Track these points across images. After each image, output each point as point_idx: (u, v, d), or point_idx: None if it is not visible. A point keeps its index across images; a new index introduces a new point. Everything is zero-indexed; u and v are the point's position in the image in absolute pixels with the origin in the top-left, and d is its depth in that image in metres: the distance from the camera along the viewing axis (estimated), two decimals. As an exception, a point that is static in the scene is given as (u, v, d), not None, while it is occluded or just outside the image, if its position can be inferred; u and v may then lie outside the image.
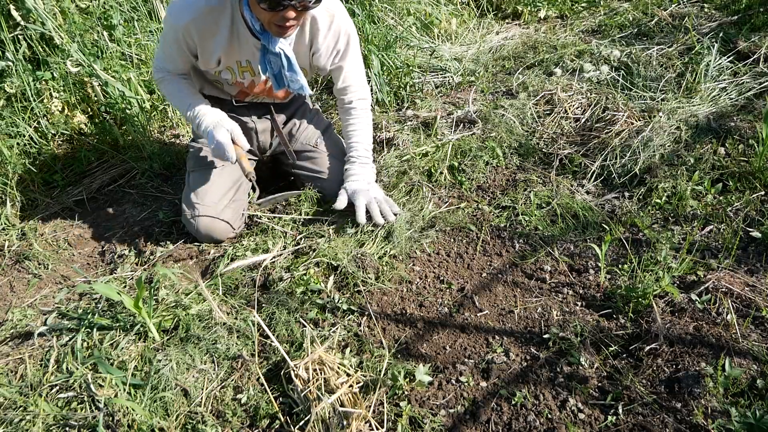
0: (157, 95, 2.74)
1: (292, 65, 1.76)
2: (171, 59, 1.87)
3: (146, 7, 2.84)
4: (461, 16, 3.58)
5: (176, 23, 1.71)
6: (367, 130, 2.04)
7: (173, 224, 2.15)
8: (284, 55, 1.72)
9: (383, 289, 1.72)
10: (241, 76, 1.88)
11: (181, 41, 1.76)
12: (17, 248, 2.08)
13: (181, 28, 1.72)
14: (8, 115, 2.37)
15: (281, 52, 1.71)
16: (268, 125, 2.12)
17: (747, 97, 2.38)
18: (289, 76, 1.78)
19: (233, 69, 1.86)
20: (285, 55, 1.73)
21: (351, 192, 1.93)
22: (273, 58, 1.73)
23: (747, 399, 1.28)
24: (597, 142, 2.27)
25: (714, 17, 3.06)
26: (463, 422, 1.33)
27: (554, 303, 1.64)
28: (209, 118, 1.85)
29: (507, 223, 1.97)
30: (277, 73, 1.77)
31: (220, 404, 1.41)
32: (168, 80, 1.92)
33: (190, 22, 1.70)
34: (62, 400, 1.42)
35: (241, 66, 1.85)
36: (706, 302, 1.54)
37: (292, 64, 1.76)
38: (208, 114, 1.86)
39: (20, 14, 2.38)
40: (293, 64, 1.76)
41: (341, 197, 1.92)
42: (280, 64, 1.74)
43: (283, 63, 1.74)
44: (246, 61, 1.84)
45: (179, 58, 1.85)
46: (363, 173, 1.98)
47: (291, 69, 1.76)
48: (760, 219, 1.82)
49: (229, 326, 1.58)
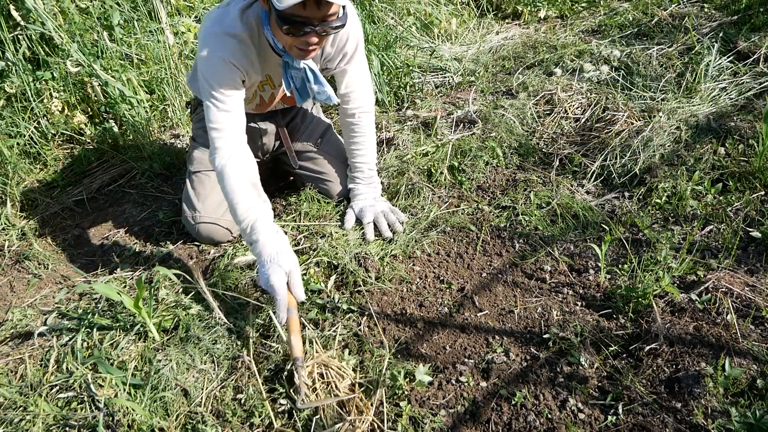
0: (157, 95, 2.74)
1: (318, 78, 1.72)
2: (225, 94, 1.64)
3: (146, 7, 2.84)
4: (461, 16, 3.58)
5: (222, 55, 1.61)
6: (371, 146, 2.04)
7: (173, 224, 2.15)
8: (309, 69, 1.69)
9: (383, 289, 1.72)
10: (261, 89, 1.86)
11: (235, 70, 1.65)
12: (17, 248, 2.08)
13: (228, 59, 1.62)
14: (8, 115, 2.37)
15: (305, 67, 1.68)
16: (273, 128, 2.12)
17: (747, 97, 2.38)
18: (316, 88, 1.74)
19: (255, 90, 1.84)
20: (310, 69, 1.70)
21: (358, 210, 1.98)
22: (294, 72, 1.70)
23: (747, 399, 1.28)
24: (597, 142, 2.27)
25: (714, 17, 3.06)
26: (463, 422, 1.33)
27: (554, 303, 1.64)
28: (269, 248, 1.56)
29: (507, 223, 1.97)
30: (300, 86, 1.75)
31: (220, 404, 1.41)
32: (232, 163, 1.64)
33: (237, 50, 1.63)
34: (62, 400, 1.42)
35: (261, 83, 1.83)
36: (706, 302, 1.54)
37: (318, 77, 1.72)
38: (269, 244, 1.56)
39: (20, 14, 2.38)
40: (318, 76, 1.72)
41: (349, 217, 1.96)
42: (303, 77, 1.72)
43: (307, 77, 1.71)
44: (266, 76, 1.81)
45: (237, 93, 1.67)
46: (368, 192, 2.02)
47: (317, 82, 1.73)
48: (760, 219, 1.82)
49: (229, 326, 1.58)
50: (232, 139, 1.66)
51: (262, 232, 1.57)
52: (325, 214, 2.03)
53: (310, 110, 2.24)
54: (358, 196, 2.02)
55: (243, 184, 1.63)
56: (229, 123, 1.66)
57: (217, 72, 1.63)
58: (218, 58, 1.62)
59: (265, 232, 1.57)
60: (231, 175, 1.62)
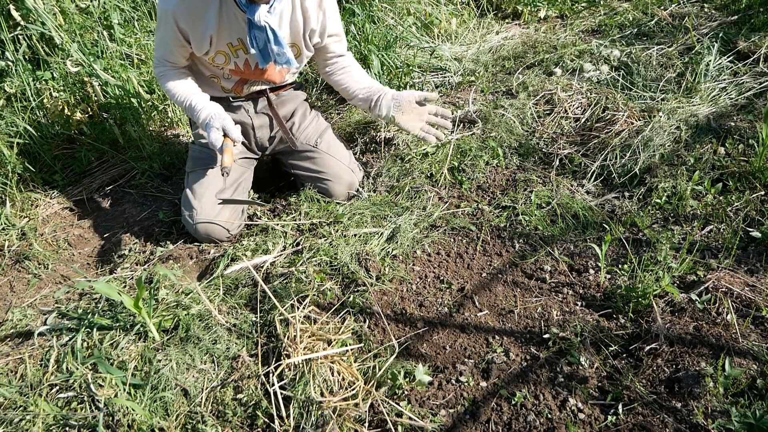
0: (157, 95, 2.74)
1: (278, 39, 1.78)
2: (168, 50, 1.88)
3: (146, 7, 2.84)
4: (461, 16, 3.57)
5: (167, 6, 1.73)
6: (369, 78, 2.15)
7: (173, 224, 2.15)
8: (269, 28, 1.74)
9: (383, 289, 1.72)
10: (235, 55, 1.89)
11: (174, 26, 1.77)
12: (17, 248, 2.08)
13: (171, 11, 1.73)
14: (8, 115, 2.37)
15: (266, 26, 1.73)
16: (265, 121, 2.12)
17: (747, 97, 2.38)
18: (275, 49, 1.80)
19: (225, 52, 1.86)
20: (270, 28, 1.74)
21: (393, 96, 2.05)
22: (258, 32, 1.75)
23: (747, 399, 1.28)
24: (597, 142, 2.27)
25: (714, 17, 3.06)
26: (463, 422, 1.33)
27: (554, 303, 1.64)
28: (205, 112, 1.88)
29: (507, 223, 1.97)
30: (262, 47, 1.79)
31: (220, 404, 1.41)
32: (168, 75, 1.94)
33: (181, 2, 1.71)
34: (62, 400, 1.42)
35: (232, 46, 1.86)
36: (706, 302, 1.54)
37: (278, 38, 1.77)
38: (205, 108, 1.89)
39: (20, 14, 2.38)
40: (279, 38, 1.78)
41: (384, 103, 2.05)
42: (265, 38, 1.76)
43: (268, 37, 1.76)
44: (238, 40, 1.84)
45: (176, 48, 1.86)
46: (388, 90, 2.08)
47: (277, 42, 1.78)
48: (760, 219, 1.82)
49: (228, 326, 1.58)
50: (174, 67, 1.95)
51: (197, 104, 1.89)
52: (324, 214, 2.03)
53: (310, 111, 2.24)
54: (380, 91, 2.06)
55: (184, 78, 1.95)
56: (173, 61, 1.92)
57: (160, 26, 1.82)
58: (163, 8, 1.76)
59: (200, 104, 1.89)
60: (172, 75, 1.94)
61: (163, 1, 1.74)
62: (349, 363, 1.46)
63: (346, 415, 1.33)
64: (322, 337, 1.52)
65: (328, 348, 1.49)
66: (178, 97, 1.94)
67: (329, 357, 1.45)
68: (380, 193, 2.16)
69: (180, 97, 1.93)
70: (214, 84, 2.01)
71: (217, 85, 2.01)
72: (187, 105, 1.92)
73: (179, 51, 1.88)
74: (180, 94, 1.93)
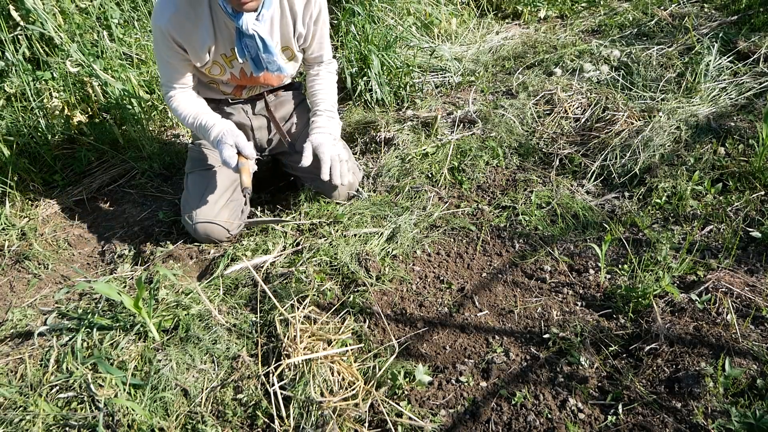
0: (157, 95, 2.74)
1: (267, 47, 1.76)
2: (173, 69, 1.86)
3: (146, 7, 2.84)
4: (461, 16, 3.57)
5: (160, 23, 1.72)
6: (333, 89, 2.08)
7: (173, 224, 2.15)
8: (258, 37, 1.73)
9: (383, 289, 1.72)
10: (230, 65, 1.88)
11: (170, 42, 1.76)
12: (17, 248, 2.08)
13: (164, 28, 1.72)
14: (8, 115, 2.37)
15: (255, 34, 1.72)
16: (264, 122, 2.13)
17: (747, 97, 2.38)
18: (265, 57, 1.79)
19: (220, 63, 1.86)
20: (259, 37, 1.73)
21: (316, 145, 1.93)
22: (249, 41, 1.74)
23: (747, 399, 1.28)
24: (597, 142, 2.27)
25: (714, 17, 3.06)
26: (463, 422, 1.33)
27: (554, 303, 1.64)
28: (216, 129, 1.84)
29: (507, 223, 1.97)
30: (254, 56, 1.79)
31: (220, 404, 1.41)
32: (176, 98, 1.91)
33: (172, 17, 1.70)
34: (62, 400, 1.42)
35: (227, 57, 1.85)
36: (706, 302, 1.54)
37: (268, 46, 1.76)
38: (216, 125, 1.85)
39: (20, 14, 2.38)
40: (269, 45, 1.77)
41: (306, 152, 1.92)
42: (256, 47, 1.75)
43: (258, 45, 1.75)
44: (231, 50, 1.83)
45: (179, 64, 1.84)
46: (328, 126, 2.00)
47: (267, 51, 1.77)
48: (760, 219, 1.82)
49: (228, 326, 1.58)
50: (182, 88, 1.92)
51: (208, 122, 1.85)
52: (324, 214, 2.03)
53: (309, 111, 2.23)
54: (317, 129, 1.98)
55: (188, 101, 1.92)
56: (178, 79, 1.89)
57: (157, 46, 1.79)
58: (156, 27, 1.73)
59: (210, 122, 1.85)
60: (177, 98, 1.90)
61: (155, 20, 1.72)
62: (349, 363, 1.46)
63: (346, 415, 1.33)
64: (322, 337, 1.52)
65: (328, 348, 1.49)
66: (187, 119, 1.90)
67: (329, 357, 1.45)
68: (380, 193, 2.16)
69: (189, 118, 1.89)
70: (214, 88, 2.01)
71: (217, 89, 2.01)
72: (197, 125, 1.88)
73: (183, 66, 1.86)
74: (189, 116, 1.89)
